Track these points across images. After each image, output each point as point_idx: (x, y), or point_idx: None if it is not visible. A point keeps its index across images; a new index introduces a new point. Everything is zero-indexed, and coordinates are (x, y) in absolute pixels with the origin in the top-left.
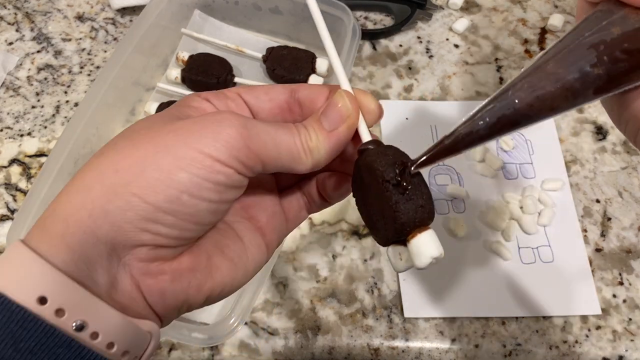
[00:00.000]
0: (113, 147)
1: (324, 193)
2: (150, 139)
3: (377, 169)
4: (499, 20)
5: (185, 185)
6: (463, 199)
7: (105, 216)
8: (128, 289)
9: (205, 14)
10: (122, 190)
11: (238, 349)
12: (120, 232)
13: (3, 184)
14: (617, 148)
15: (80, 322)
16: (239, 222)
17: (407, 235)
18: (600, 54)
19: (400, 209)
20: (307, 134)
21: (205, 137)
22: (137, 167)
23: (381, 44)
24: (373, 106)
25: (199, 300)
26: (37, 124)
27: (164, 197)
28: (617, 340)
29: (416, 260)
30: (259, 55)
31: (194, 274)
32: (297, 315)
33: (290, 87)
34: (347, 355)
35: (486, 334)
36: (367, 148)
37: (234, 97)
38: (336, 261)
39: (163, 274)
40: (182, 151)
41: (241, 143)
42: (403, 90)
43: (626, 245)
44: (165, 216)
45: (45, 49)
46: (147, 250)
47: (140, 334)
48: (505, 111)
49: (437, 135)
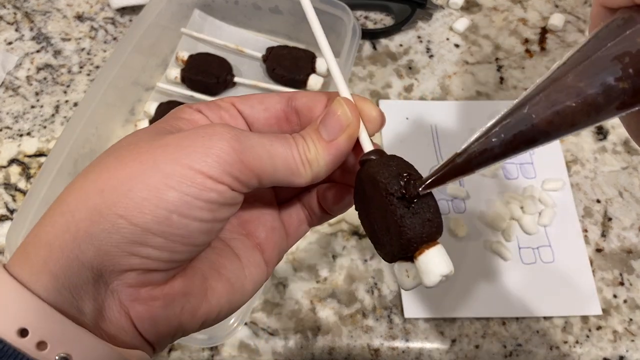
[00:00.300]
0: (98, 165)
1: (324, 205)
2: (137, 156)
3: (381, 181)
4: (500, 20)
5: (175, 205)
6: (463, 199)
7: (90, 240)
8: (116, 317)
9: (205, 13)
10: (107, 212)
11: (238, 349)
12: (107, 256)
13: (2, 184)
14: (618, 148)
15: (63, 355)
16: (236, 239)
17: (414, 252)
18: (626, 66)
19: (405, 223)
20: (305, 145)
21: (195, 152)
22: (123, 187)
23: (381, 43)
24: (375, 114)
25: (194, 326)
26: (36, 123)
27: (152, 217)
28: (617, 341)
29: (425, 279)
30: (259, 55)
31: (188, 298)
32: (297, 316)
33: (287, 96)
34: (347, 355)
35: (486, 334)
36: (370, 158)
37: (227, 107)
38: (336, 261)
39: (154, 299)
40: (170, 168)
41: (234, 157)
42: (403, 90)
43: (627, 245)
44: (155, 238)
45: (45, 49)
46: (136, 275)
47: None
48: (521, 127)
49: (437, 135)
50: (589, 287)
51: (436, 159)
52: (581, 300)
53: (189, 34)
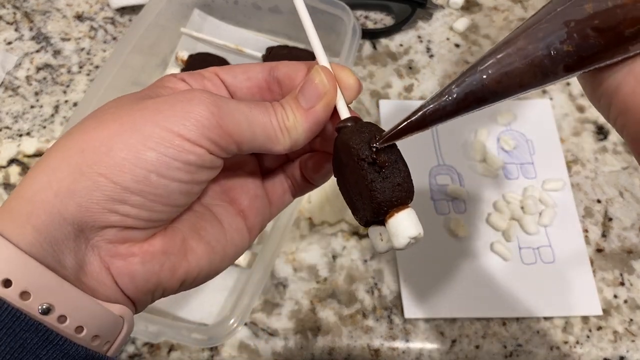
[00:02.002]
0: (80, 127)
1: (307, 174)
2: (118, 118)
3: (352, 147)
4: (500, 20)
5: (154, 165)
6: (464, 199)
7: (71, 196)
8: (97, 271)
9: (204, 13)
10: (88, 170)
11: (238, 349)
12: (88, 212)
13: (2, 184)
14: (618, 148)
15: (46, 305)
16: (219, 205)
17: (385, 215)
18: (571, 30)
19: (376, 187)
20: (284, 112)
21: (174, 115)
22: (104, 147)
23: (381, 43)
24: (352, 81)
25: (174, 285)
26: (36, 123)
27: (131, 176)
28: (618, 341)
29: (394, 241)
30: (259, 55)
31: (167, 256)
32: (297, 316)
33: (269, 65)
34: (347, 356)
35: (487, 334)
36: (345, 125)
37: (210, 77)
38: (336, 261)
39: (133, 255)
40: (149, 129)
41: (213, 122)
42: (403, 90)
43: (627, 245)
44: (134, 196)
45: (44, 49)
46: (116, 232)
47: (111, 318)
48: (473, 87)
49: (437, 135)
50: (590, 287)
51: (436, 159)
52: (581, 301)
53: (188, 33)
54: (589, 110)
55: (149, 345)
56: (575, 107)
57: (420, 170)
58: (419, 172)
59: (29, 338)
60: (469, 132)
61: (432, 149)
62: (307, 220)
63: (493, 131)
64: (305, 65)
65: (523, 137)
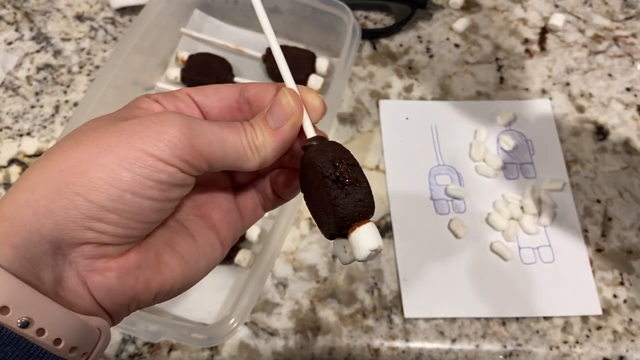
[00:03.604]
0: (58, 148)
1: (276, 190)
2: (94, 139)
3: (317, 165)
4: (500, 20)
5: (128, 184)
6: (463, 199)
7: (49, 215)
8: (74, 286)
9: (204, 13)
10: (65, 190)
11: (238, 349)
12: (65, 230)
13: (2, 184)
14: (618, 148)
15: (25, 319)
16: (191, 220)
17: (348, 229)
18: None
19: (339, 203)
20: (253, 132)
21: (148, 136)
22: (81, 167)
23: (381, 43)
24: (317, 103)
25: (148, 297)
26: (36, 123)
27: (106, 195)
28: (617, 341)
29: (356, 253)
30: (259, 55)
31: (142, 270)
32: (297, 316)
33: (240, 86)
34: (347, 355)
35: (486, 334)
36: (311, 145)
37: (183, 98)
38: (336, 261)
39: (109, 270)
40: (124, 151)
41: (185, 142)
42: (403, 90)
43: (627, 245)
44: (109, 214)
45: (45, 49)
46: (92, 248)
47: (88, 330)
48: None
49: (437, 135)
50: (589, 287)
51: (436, 159)
52: (581, 300)
53: (188, 33)
54: (588, 111)
55: (149, 345)
56: (575, 107)
57: (420, 170)
58: (419, 173)
59: (10, 351)
60: (468, 132)
61: (432, 149)
62: (307, 220)
63: (493, 131)
64: (274, 87)
65: (523, 137)
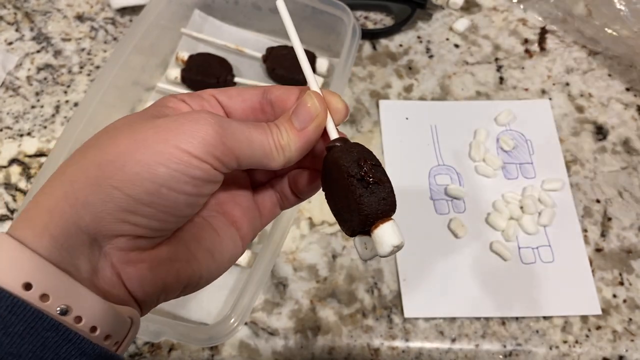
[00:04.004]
0: (95, 142)
1: (295, 189)
2: (130, 135)
3: (343, 165)
4: (499, 20)
5: (164, 179)
6: (463, 199)
7: (87, 208)
8: (109, 276)
9: (205, 13)
10: (104, 184)
11: (238, 349)
12: (102, 222)
13: (3, 184)
14: (618, 148)
15: (64, 306)
16: (215, 216)
17: (371, 226)
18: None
19: (364, 201)
20: (279, 132)
21: (183, 134)
22: (119, 162)
23: (381, 43)
24: (340, 106)
25: (177, 289)
26: (36, 123)
27: (143, 189)
28: (617, 340)
29: (379, 249)
30: (259, 55)
31: (172, 262)
32: (297, 316)
33: (262, 89)
34: (347, 355)
35: (486, 334)
36: (335, 145)
37: (208, 98)
38: (336, 261)
39: (142, 262)
40: (160, 147)
41: (217, 140)
42: (403, 90)
43: (626, 245)
44: (145, 208)
45: (45, 49)
46: (127, 240)
47: (121, 319)
48: None
49: (437, 135)
50: (589, 287)
51: (436, 159)
52: (581, 300)
53: (189, 34)
54: (588, 111)
55: (149, 345)
56: (575, 107)
57: (420, 171)
58: (418, 173)
59: (50, 337)
60: (468, 132)
61: (431, 149)
62: (307, 220)
63: (492, 131)
64: (297, 90)
65: (522, 137)
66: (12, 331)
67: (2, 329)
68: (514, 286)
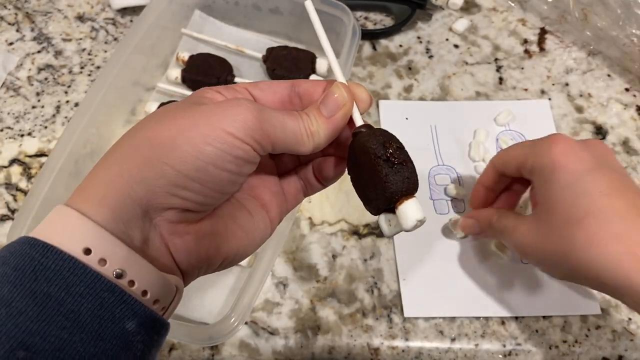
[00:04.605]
0: (143, 126)
1: (319, 176)
2: (179, 119)
3: (370, 147)
4: (499, 21)
5: (211, 158)
6: (463, 199)
7: (141, 182)
8: (158, 246)
9: (205, 14)
10: (156, 162)
11: (238, 348)
12: (154, 196)
13: (3, 184)
14: (617, 148)
15: (119, 270)
16: (247, 199)
17: (396, 203)
18: None
19: (389, 180)
20: (309, 119)
21: (226, 118)
22: (169, 143)
23: (381, 44)
24: (365, 96)
25: (217, 262)
26: (37, 124)
27: (192, 166)
28: (616, 340)
29: (404, 223)
30: (259, 56)
31: (214, 236)
32: (297, 315)
33: (290, 82)
34: (347, 355)
35: (486, 333)
36: (361, 131)
37: (242, 91)
38: (336, 261)
39: (188, 234)
40: (207, 129)
41: (256, 124)
42: (403, 90)
43: None
44: (193, 183)
45: (46, 49)
46: (175, 213)
47: (168, 286)
48: None
49: (437, 135)
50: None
51: (436, 159)
52: (580, 300)
53: (189, 34)
54: (587, 111)
55: None
56: (574, 108)
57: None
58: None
59: (107, 297)
60: (468, 132)
61: (431, 149)
62: (307, 220)
63: (492, 131)
64: (323, 83)
65: (522, 137)
66: (73, 290)
67: (64, 288)
68: (513, 286)
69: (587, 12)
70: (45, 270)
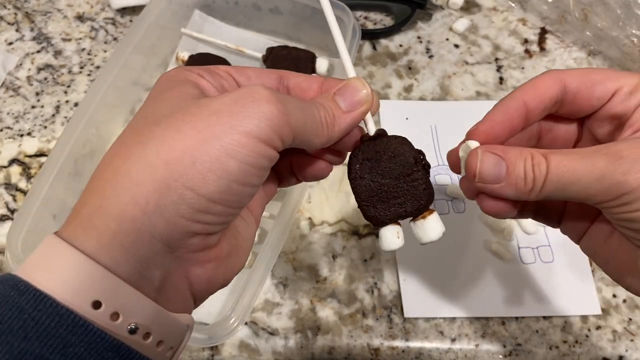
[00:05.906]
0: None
1: (299, 173)
2: (193, 125)
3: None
4: (499, 20)
5: (235, 175)
6: (463, 199)
7: (159, 213)
8: (177, 281)
9: (205, 13)
10: (174, 184)
11: (238, 349)
12: (175, 227)
13: (3, 184)
14: None
15: (134, 325)
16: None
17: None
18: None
19: (430, 187)
20: (326, 111)
21: (249, 117)
22: (188, 159)
23: (381, 44)
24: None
25: (227, 282)
26: (37, 124)
27: (215, 187)
28: (617, 340)
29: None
30: (259, 55)
31: (230, 257)
32: (297, 315)
33: (278, 73)
34: (347, 355)
35: (486, 334)
36: (385, 133)
37: (226, 77)
38: (336, 261)
39: (209, 261)
40: (229, 137)
41: (282, 120)
42: (403, 90)
43: None
44: (216, 206)
45: (45, 49)
46: (197, 241)
47: (181, 329)
48: None
49: (437, 135)
50: (589, 287)
51: (436, 159)
52: (580, 300)
53: (189, 34)
54: None
55: None
56: None
57: None
58: None
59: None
60: None
61: (431, 149)
62: (307, 220)
63: None
64: (318, 79)
65: None
66: (70, 352)
67: (60, 349)
68: (513, 286)
69: (588, 12)
70: (37, 326)
